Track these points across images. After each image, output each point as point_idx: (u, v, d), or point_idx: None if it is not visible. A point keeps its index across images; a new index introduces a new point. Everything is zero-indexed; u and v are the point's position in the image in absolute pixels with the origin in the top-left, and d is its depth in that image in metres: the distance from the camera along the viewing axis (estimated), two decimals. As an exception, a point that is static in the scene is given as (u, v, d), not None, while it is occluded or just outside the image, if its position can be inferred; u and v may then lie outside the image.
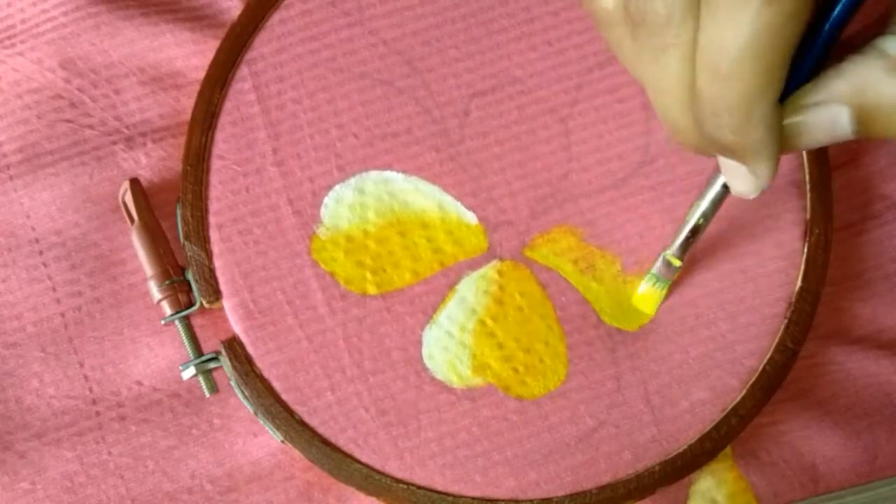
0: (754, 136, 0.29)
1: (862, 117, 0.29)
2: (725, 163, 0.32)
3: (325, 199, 0.41)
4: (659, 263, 0.40)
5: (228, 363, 0.40)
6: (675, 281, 0.41)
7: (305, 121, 0.42)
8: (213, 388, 0.40)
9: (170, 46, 0.43)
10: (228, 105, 0.42)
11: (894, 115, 0.29)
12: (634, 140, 0.43)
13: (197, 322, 0.42)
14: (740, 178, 0.31)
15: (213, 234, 0.41)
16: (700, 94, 0.29)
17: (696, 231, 0.38)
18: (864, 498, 0.42)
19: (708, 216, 0.37)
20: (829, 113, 0.29)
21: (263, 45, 0.42)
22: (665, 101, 0.31)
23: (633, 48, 0.31)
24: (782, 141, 0.30)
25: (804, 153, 0.43)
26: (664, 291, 0.41)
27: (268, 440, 0.42)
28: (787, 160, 0.43)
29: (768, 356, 0.41)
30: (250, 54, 0.42)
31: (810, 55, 0.29)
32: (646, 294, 0.41)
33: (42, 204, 0.42)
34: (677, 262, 0.39)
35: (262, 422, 0.40)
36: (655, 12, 0.29)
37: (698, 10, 0.28)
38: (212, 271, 0.41)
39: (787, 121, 0.30)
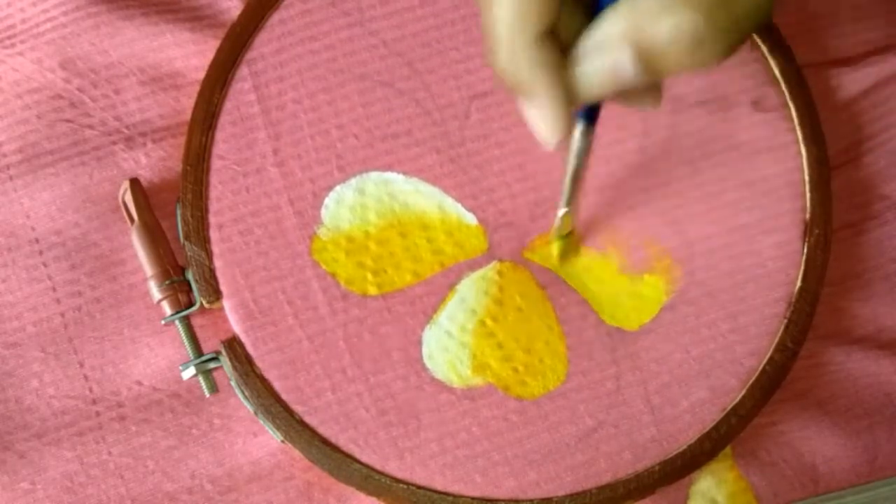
0: (522, 68, 0.30)
1: (642, 57, 0.29)
2: (523, 106, 0.32)
3: (326, 200, 0.41)
4: (557, 223, 0.40)
5: (228, 363, 0.40)
6: (676, 280, 0.41)
7: (306, 121, 0.42)
8: (213, 388, 0.40)
9: (170, 46, 0.43)
10: (228, 105, 0.42)
11: (672, 53, 0.28)
12: (632, 141, 0.43)
13: (197, 322, 0.42)
14: (534, 121, 0.32)
15: (213, 234, 0.41)
16: (482, 20, 0.30)
17: (572, 183, 0.37)
18: (864, 498, 0.42)
19: (578, 166, 0.36)
20: (609, 56, 0.29)
21: (263, 45, 0.42)
22: (484, 27, 0.31)
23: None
24: (567, 84, 0.30)
25: (804, 153, 0.43)
26: (576, 239, 0.41)
27: (268, 440, 0.42)
28: (786, 160, 0.43)
29: (768, 356, 0.41)
30: (250, 54, 0.42)
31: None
32: (563, 251, 0.41)
33: (42, 204, 0.42)
34: (567, 212, 0.39)
35: (262, 422, 0.40)
36: None
37: None
38: (212, 271, 0.41)
39: (572, 69, 0.30)
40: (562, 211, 0.39)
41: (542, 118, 0.31)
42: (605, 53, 0.29)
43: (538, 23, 0.29)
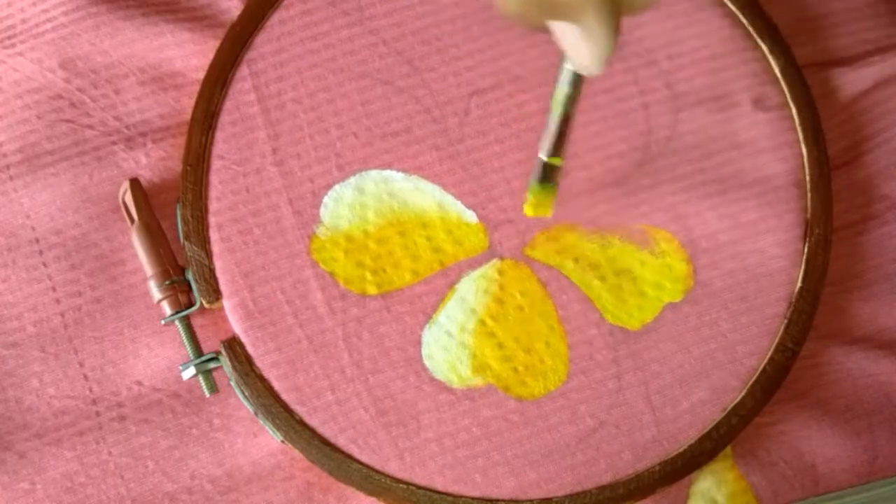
0: None
1: None
2: (561, 32, 0.30)
3: (325, 199, 0.41)
4: (536, 168, 0.38)
5: (228, 363, 0.40)
6: (677, 279, 0.41)
7: (305, 120, 0.42)
8: (213, 388, 0.40)
9: (170, 46, 0.43)
10: (228, 105, 0.42)
11: None
12: (634, 139, 0.43)
13: (197, 322, 0.42)
14: (579, 47, 0.29)
15: (213, 234, 0.41)
16: None
17: (564, 123, 0.35)
18: (864, 498, 0.42)
19: (569, 105, 0.35)
20: None
21: (263, 45, 0.42)
22: None
23: None
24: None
25: (804, 153, 0.43)
26: (553, 194, 0.38)
27: (268, 440, 0.42)
28: (787, 160, 0.43)
29: (768, 356, 0.41)
30: (250, 54, 0.42)
31: None
32: (537, 203, 0.38)
33: (42, 204, 0.42)
34: (558, 161, 0.37)
35: (262, 422, 0.40)
36: None
37: None
38: (212, 271, 0.41)
39: None
40: (544, 155, 0.37)
41: (590, 39, 0.29)
42: None
43: None
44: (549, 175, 0.37)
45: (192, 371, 0.40)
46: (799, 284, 0.42)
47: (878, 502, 0.42)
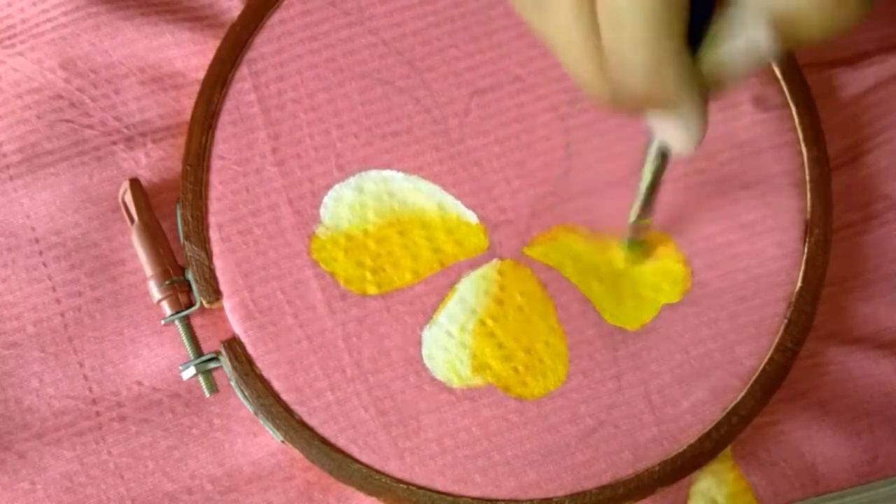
0: (669, 78, 0.27)
1: (780, 27, 0.27)
2: (655, 120, 0.30)
3: (325, 199, 0.41)
4: (627, 229, 0.40)
5: (228, 363, 0.40)
6: (675, 281, 0.41)
7: (305, 121, 0.42)
8: (213, 388, 0.40)
9: (170, 46, 0.43)
10: (228, 105, 0.42)
11: (812, 18, 0.26)
12: (635, 138, 0.42)
13: (197, 322, 0.42)
14: (673, 133, 0.30)
15: (213, 234, 0.41)
16: (606, 40, 0.27)
17: (652, 191, 0.36)
18: (864, 498, 0.42)
19: (657, 176, 0.35)
20: (746, 37, 0.27)
21: (263, 45, 0.42)
22: (570, 56, 0.29)
23: (535, 5, 0.29)
24: (704, 83, 0.28)
25: (804, 153, 0.43)
26: (643, 248, 0.41)
27: (268, 440, 0.42)
28: (787, 160, 0.43)
29: (768, 356, 0.41)
30: (250, 54, 0.42)
31: None
32: (629, 258, 0.41)
33: (42, 204, 0.42)
34: (647, 221, 0.39)
35: (262, 422, 0.40)
36: None
37: None
38: (212, 271, 0.41)
39: (705, 61, 0.28)
40: (633, 219, 0.38)
41: (685, 127, 0.29)
42: (740, 35, 0.27)
43: (682, 23, 0.26)
44: (638, 234, 0.40)
45: (192, 371, 0.40)
46: (799, 284, 0.42)
47: (878, 502, 0.42)
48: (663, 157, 0.34)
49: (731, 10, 0.27)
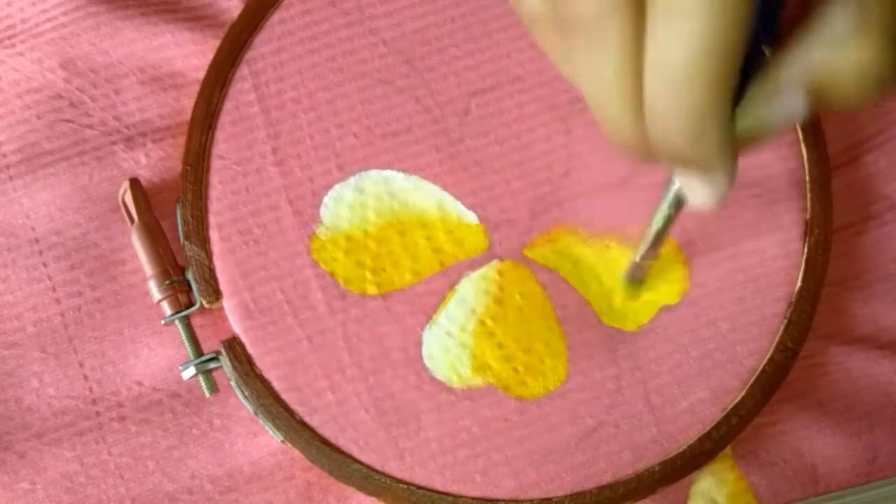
0: (711, 144, 0.27)
1: (817, 95, 0.27)
2: (680, 174, 0.30)
3: (325, 199, 0.41)
4: (631, 269, 0.40)
5: (228, 363, 0.40)
6: (674, 281, 0.41)
7: (305, 120, 0.42)
8: (213, 388, 0.40)
9: (170, 46, 0.43)
10: (228, 105, 0.42)
11: (850, 90, 0.27)
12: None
13: (197, 322, 0.42)
14: (697, 189, 0.29)
15: (213, 234, 0.41)
16: (651, 100, 0.27)
17: (660, 237, 0.37)
18: (864, 498, 0.42)
19: (668, 223, 0.36)
20: (782, 102, 0.27)
21: (263, 45, 0.42)
22: (602, 103, 0.28)
23: (565, 50, 0.29)
24: (738, 144, 0.28)
25: (804, 153, 0.43)
26: (639, 288, 0.41)
27: (268, 440, 0.42)
28: (787, 160, 0.43)
29: (768, 356, 0.41)
30: (250, 54, 0.42)
31: (749, 53, 0.27)
32: (628, 294, 0.41)
33: (42, 204, 0.42)
34: (650, 261, 0.39)
35: (262, 422, 0.40)
36: (585, 8, 0.26)
37: (632, 6, 0.26)
38: (212, 271, 0.41)
39: (742, 122, 0.28)
40: (638, 259, 0.39)
41: (711, 184, 0.29)
42: (779, 100, 0.27)
43: (733, 92, 0.26)
44: (639, 273, 0.40)
45: (192, 371, 0.40)
46: (799, 284, 0.42)
47: (878, 502, 0.42)
48: (678, 204, 0.34)
49: (771, 74, 0.27)
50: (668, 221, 0.35)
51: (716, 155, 0.27)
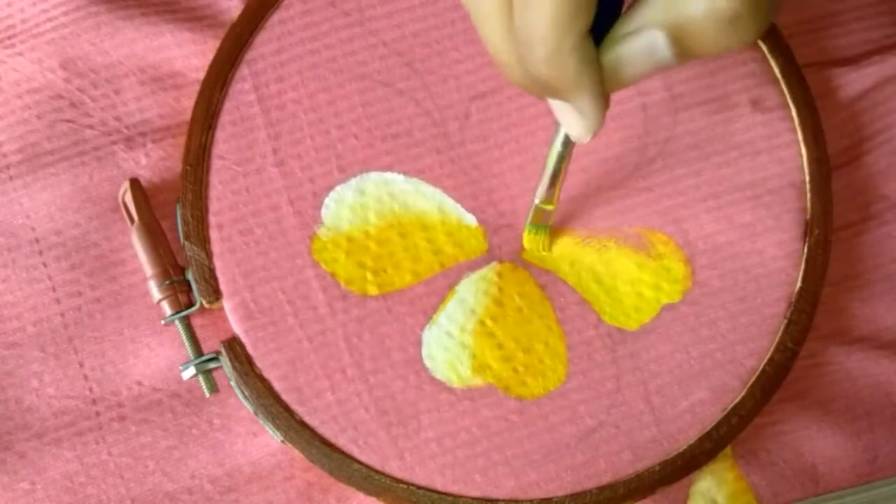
0: (568, 67, 0.29)
1: (677, 38, 0.29)
2: (555, 105, 0.32)
3: (326, 200, 0.41)
4: (531, 213, 0.40)
5: (228, 363, 0.40)
6: (675, 280, 0.41)
7: (306, 121, 0.42)
8: (213, 388, 0.40)
9: (170, 46, 0.43)
10: (228, 105, 0.42)
11: (707, 32, 0.28)
12: (632, 142, 0.43)
13: (197, 322, 0.42)
14: (571, 120, 0.32)
15: (213, 234, 0.41)
16: (516, 24, 0.29)
17: (555, 176, 0.38)
18: (864, 498, 0.42)
19: (560, 162, 0.37)
20: (644, 40, 0.29)
21: (263, 45, 0.42)
22: (485, 29, 0.31)
23: None
24: (604, 77, 0.30)
25: (804, 153, 0.43)
26: (546, 234, 0.41)
27: (268, 440, 0.42)
28: (786, 160, 0.43)
29: (768, 356, 0.41)
30: (250, 54, 0.42)
31: None
32: (532, 241, 0.41)
33: (42, 204, 0.42)
34: (550, 207, 0.40)
35: (262, 422, 0.40)
36: None
37: None
38: (212, 271, 0.41)
39: (605, 56, 0.30)
40: (537, 201, 0.39)
41: (581, 115, 0.31)
42: (640, 37, 0.29)
43: (587, 19, 0.29)
44: (542, 218, 0.40)
45: (192, 371, 0.40)
46: (799, 284, 0.42)
47: (878, 502, 0.42)
48: (566, 144, 0.36)
49: (634, 13, 0.30)
50: (561, 160, 0.37)
51: (575, 79, 0.30)
